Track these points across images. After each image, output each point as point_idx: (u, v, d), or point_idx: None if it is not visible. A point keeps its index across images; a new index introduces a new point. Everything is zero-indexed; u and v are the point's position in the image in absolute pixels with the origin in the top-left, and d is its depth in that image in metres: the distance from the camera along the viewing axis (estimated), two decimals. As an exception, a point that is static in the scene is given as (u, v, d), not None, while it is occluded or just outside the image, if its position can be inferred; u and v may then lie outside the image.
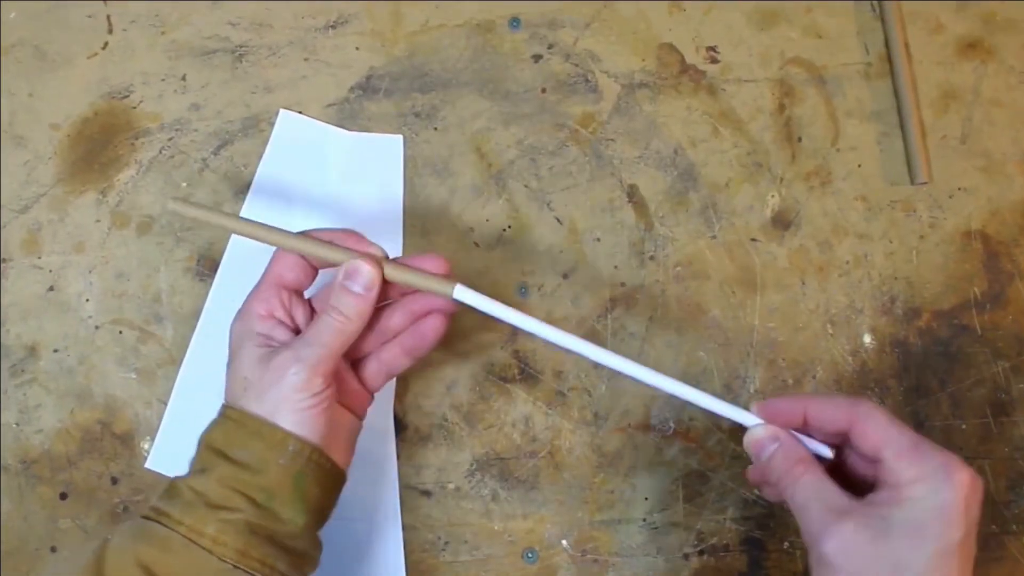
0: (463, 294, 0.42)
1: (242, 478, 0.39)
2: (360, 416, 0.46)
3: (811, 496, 0.38)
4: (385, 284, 0.42)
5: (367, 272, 0.42)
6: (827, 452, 0.42)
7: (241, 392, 0.41)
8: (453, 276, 0.43)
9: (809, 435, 0.42)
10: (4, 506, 0.51)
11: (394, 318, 0.45)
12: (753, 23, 0.55)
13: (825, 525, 0.37)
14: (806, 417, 0.41)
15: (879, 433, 0.38)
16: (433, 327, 0.44)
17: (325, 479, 0.41)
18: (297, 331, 0.43)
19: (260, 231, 0.43)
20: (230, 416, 0.41)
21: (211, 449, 0.41)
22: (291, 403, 0.40)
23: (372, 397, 0.47)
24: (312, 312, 0.45)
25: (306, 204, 0.53)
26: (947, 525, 0.36)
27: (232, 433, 0.40)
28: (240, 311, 0.44)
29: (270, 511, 0.39)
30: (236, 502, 0.39)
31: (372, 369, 0.46)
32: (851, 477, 0.41)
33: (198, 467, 0.41)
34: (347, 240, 0.43)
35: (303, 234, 0.43)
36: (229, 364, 0.43)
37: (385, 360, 0.46)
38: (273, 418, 0.40)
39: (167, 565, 0.38)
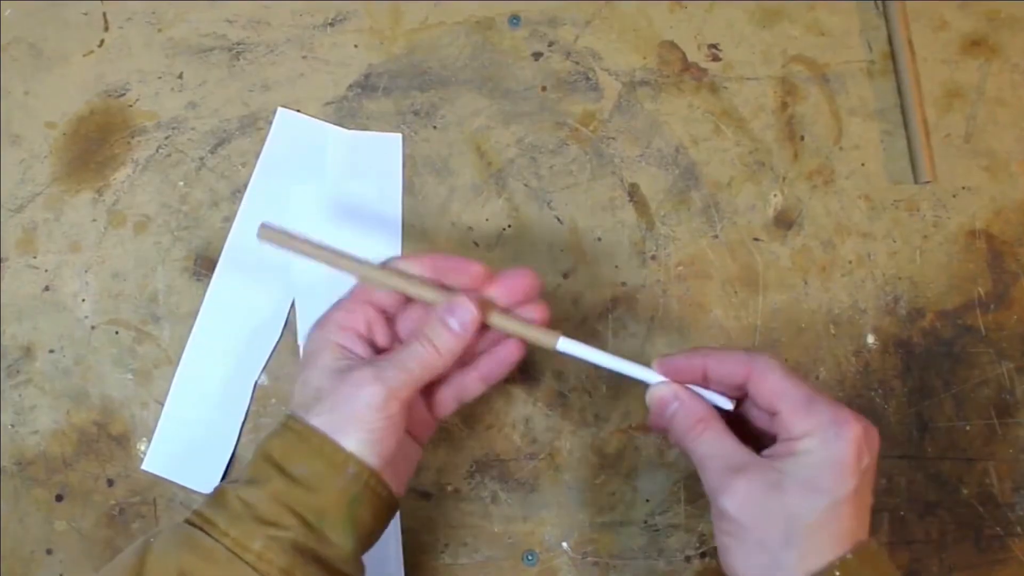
0: (567, 346, 0.42)
1: (295, 495, 0.38)
2: (422, 444, 0.45)
3: (710, 452, 0.39)
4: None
5: (470, 312, 0.41)
6: (727, 404, 0.42)
7: (311, 402, 0.40)
8: (549, 321, 0.43)
9: (711, 389, 0.42)
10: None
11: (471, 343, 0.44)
12: (755, 21, 0.55)
13: (722, 481, 0.38)
14: (706, 371, 0.41)
15: (775, 386, 0.39)
16: (512, 353, 0.44)
17: (379, 506, 0.40)
18: (377, 350, 0.42)
19: (363, 268, 0.42)
20: (293, 428, 0.40)
21: (268, 460, 0.39)
22: (362, 422, 0.39)
23: (436, 424, 0.45)
24: (394, 334, 0.44)
25: (304, 203, 0.53)
26: (838, 478, 0.37)
27: (292, 446, 0.39)
28: (321, 319, 0.42)
29: (320, 532, 0.38)
30: (286, 519, 0.38)
31: (443, 395, 0.45)
32: (752, 430, 0.41)
33: (250, 476, 0.39)
34: (456, 267, 0.42)
35: (400, 269, 0.42)
36: (301, 371, 0.42)
37: (458, 386, 0.44)
38: (337, 434, 0.39)
39: None
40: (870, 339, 0.53)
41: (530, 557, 0.51)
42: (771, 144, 0.54)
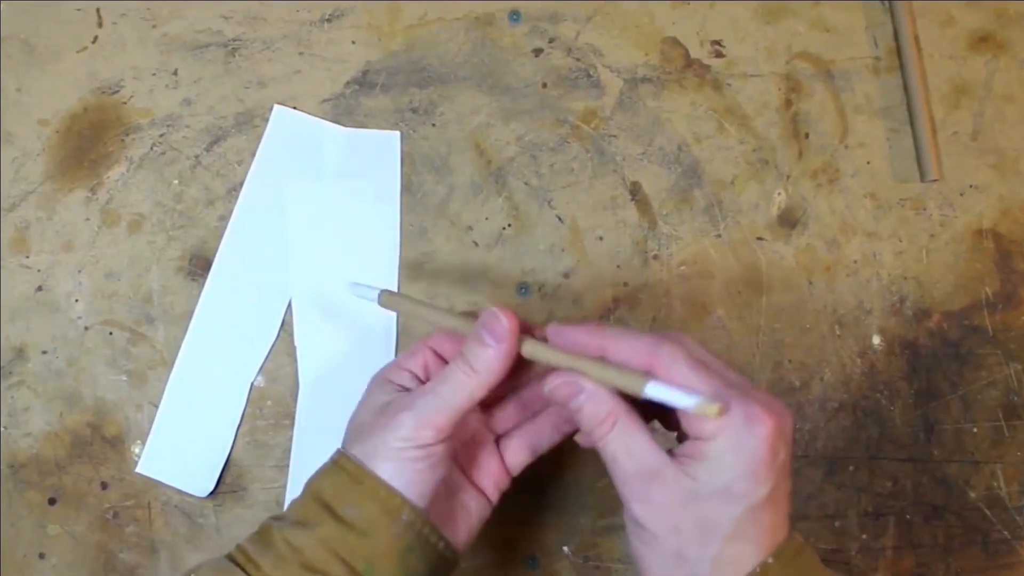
0: (656, 391, 0.35)
1: (347, 541, 0.36)
2: (492, 498, 0.43)
3: (619, 453, 0.36)
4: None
5: (499, 321, 0.38)
6: (639, 387, 0.37)
7: (353, 436, 0.39)
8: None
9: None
10: (-9, 512, 0.50)
11: (540, 388, 0.41)
12: (759, 16, 0.54)
13: (633, 488, 0.36)
14: (604, 355, 0.38)
15: (680, 381, 0.35)
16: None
17: (436, 560, 0.38)
18: None
19: (424, 311, 0.42)
20: (345, 467, 0.38)
21: (318, 501, 0.38)
22: (392, 451, 0.37)
23: (511, 478, 0.43)
24: None
25: (300, 201, 0.52)
26: (754, 482, 0.34)
27: (344, 488, 0.37)
28: (386, 364, 0.42)
29: None
30: (334, 568, 0.36)
31: (516, 444, 0.43)
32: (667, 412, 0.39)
33: (299, 516, 0.38)
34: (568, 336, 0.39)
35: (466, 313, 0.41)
36: (356, 409, 0.41)
37: (531, 435, 0.43)
38: (370, 460, 0.37)
39: None
40: (876, 340, 0.52)
41: (531, 561, 0.51)
42: (775, 142, 0.53)
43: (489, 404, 0.43)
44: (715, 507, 0.35)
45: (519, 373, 0.41)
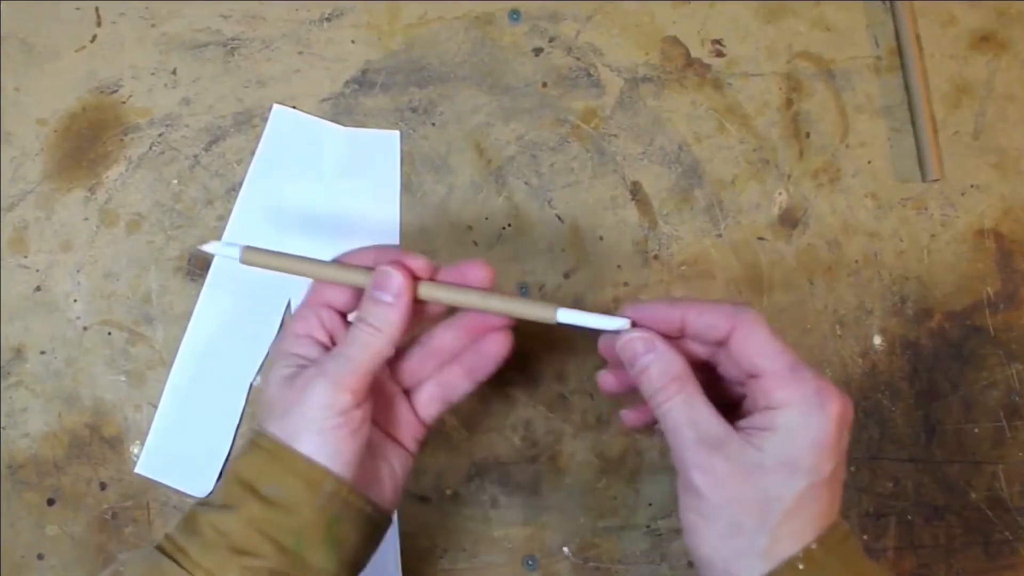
0: (569, 316, 0.37)
1: (272, 519, 0.36)
2: (412, 451, 0.43)
3: (683, 421, 0.36)
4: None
5: (394, 277, 0.38)
6: (620, 324, 0.38)
7: (265, 414, 0.39)
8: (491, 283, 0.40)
9: (686, 343, 0.39)
10: (-10, 512, 0.50)
11: (447, 337, 0.42)
12: (760, 16, 0.54)
13: (696, 455, 0.35)
14: (684, 324, 0.38)
15: (760, 347, 0.36)
16: (498, 345, 0.41)
17: (365, 524, 0.38)
18: None
19: (290, 263, 0.40)
20: (263, 445, 0.38)
21: (239, 482, 0.37)
22: (314, 422, 0.37)
23: (427, 429, 0.44)
24: None
25: (300, 201, 0.52)
26: (820, 458, 0.35)
27: (264, 465, 0.37)
28: (279, 333, 0.41)
29: (298, 557, 0.36)
30: (262, 548, 0.36)
31: (427, 396, 0.43)
32: (724, 388, 0.39)
33: (222, 500, 0.37)
34: (392, 255, 0.40)
35: (338, 261, 0.41)
36: (262, 387, 0.41)
37: (443, 385, 0.42)
38: (294, 440, 0.37)
39: None
40: (877, 340, 0.52)
41: (531, 562, 0.51)
42: (776, 141, 0.53)
43: (394, 357, 0.42)
44: (779, 480, 0.35)
45: (418, 320, 0.41)
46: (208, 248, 0.41)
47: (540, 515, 0.51)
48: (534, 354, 0.51)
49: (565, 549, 0.51)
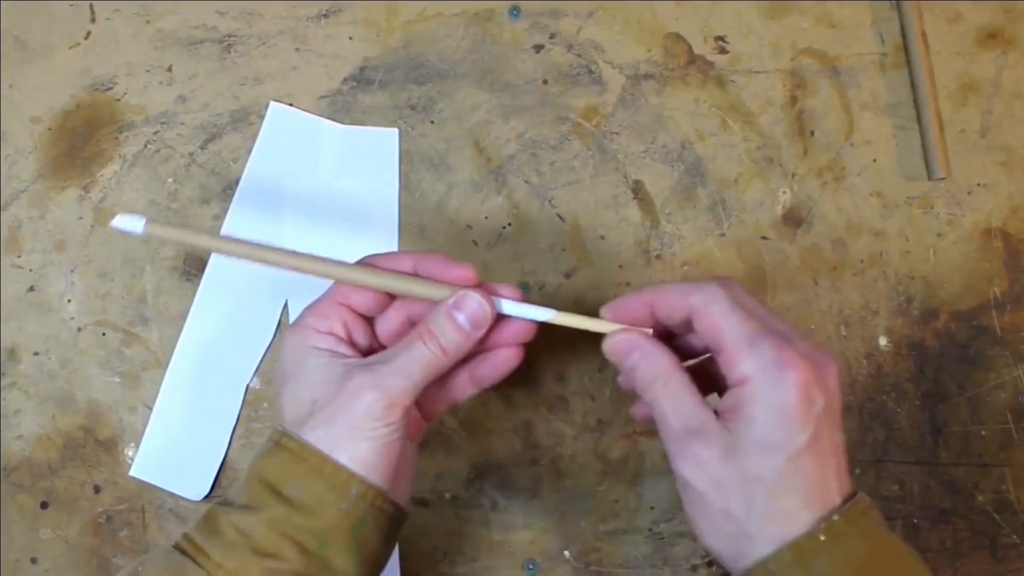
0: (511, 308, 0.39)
1: (295, 522, 0.36)
2: (416, 447, 0.43)
3: (668, 411, 0.37)
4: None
5: (482, 307, 0.38)
6: (547, 315, 0.39)
7: (306, 415, 0.37)
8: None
9: (662, 328, 0.40)
10: (-18, 516, 0.49)
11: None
12: (764, 12, 0.53)
13: (678, 445, 0.36)
14: (653, 311, 0.38)
15: (716, 321, 0.36)
16: (510, 358, 0.41)
17: (387, 525, 0.38)
18: (364, 353, 0.40)
19: (340, 270, 0.40)
20: (287, 447, 0.37)
21: (262, 483, 0.37)
22: (362, 433, 0.36)
23: (427, 425, 0.43)
24: (373, 338, 0.41)
25: (297, 200, 0.51)
26: (788, 428, 0.34)
27: (288, 467, 0.36)
28: (294, 325, 0.40)
29: (321, 559, 0.36)
30: (285, 550, 0.35)
31: (432, 395, 0.42)
32: (717, 375, 0.39)
33: (244, 501, 0.37)
34: (433, 264, 0.39)
35: (371, 263, 0.40)
36: (285, 384, 0.39)
37: (449, 386, 0.42)
38: (336, 450, 0.36)
39: None
40: (882, 341, 0.51)
41: (531, 566, 0.50)
42: (780, 139, 0.52)
43: None
44: (755, 459, 0.34)
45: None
46: (114, 223, 0.39)
47: (541, 518, 0.50)
48: (534, 355, 0.51)
49: (566, 553, 0.50)
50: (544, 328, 0.40)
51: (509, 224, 0.52)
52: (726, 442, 0.35)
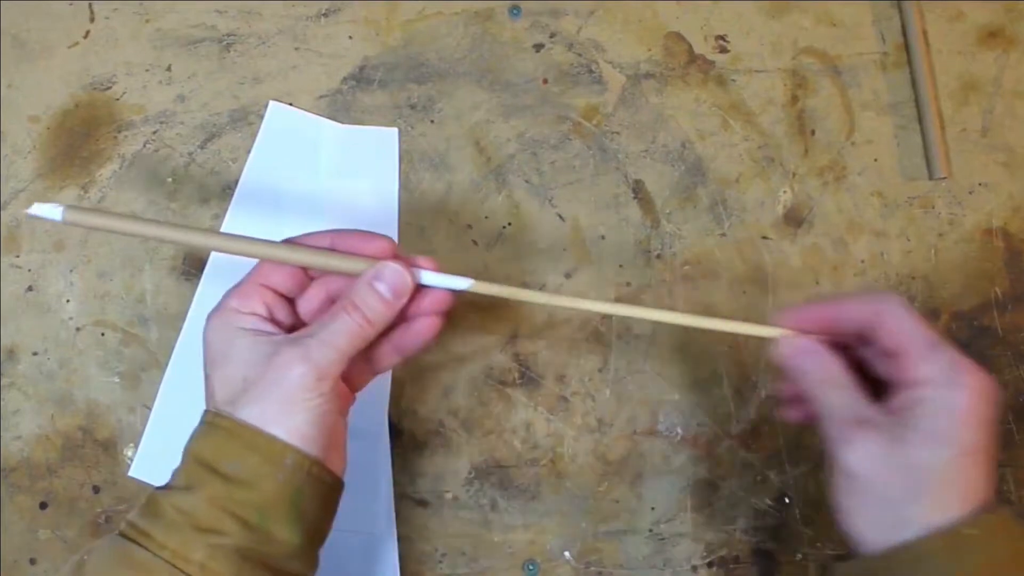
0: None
1: (234, 496, 0.36)
2: (345, 418, 0.43)
3: (836, 405, 0.39)
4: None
5: (401, 276, 0.39)
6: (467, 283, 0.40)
7: (238, 394, 0.38)
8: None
9: (834, 335, 0.42)
10: (-19, 516, 0.49)
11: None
12: (764, 11, 0.53)
13: (846, 434, 0.38)
14: (833, 320, 0.41)
15: (903, 326, 0.39)
16: (430, 326, 0.41)
17: (325, 493, 0.38)
18: (288, 331, 0.40)
19: (263, 248, 0.39)
20: (220, 425, 0.38)
21: (199, 462, 0.37)
22: (295, 405, 0.37)
23: (355, 397, 0.43)
24: (296, 317, 0.42)
25: (297, 200, 0.51)
26: (962, 428, 0.36)
27: (223, 444, 0.37)
28: (216, 309, 0.40)
29: (263, 531, 0.36)
30: (227, 525, 0.36)
31: (358, 367, 0.42)
32: (872, 377, 0.41)
33: (183, 482, 0.37)
34: (351, 240, 0.40)
35: (292, 242, 0.40)
36: (214, 367, 0.39)
37: (373, 357, 0.42)
38: (270, 424, 0.37)
39: None
40: (883, 341, 0.51)
41: (531, 567, 0.50)
42: (781, 139, 0.52)
43: None
44: (925, 452, 0.36)
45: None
46: (31, 211, 0.39)
47: (541, 519, 0.50)
48: (534, 355, 0.51)
49: (566, 554, 0.50)
50: (544, 328, 0.40)
51: (509, 224, 0.52)
52: (895, 430, 0.37)
